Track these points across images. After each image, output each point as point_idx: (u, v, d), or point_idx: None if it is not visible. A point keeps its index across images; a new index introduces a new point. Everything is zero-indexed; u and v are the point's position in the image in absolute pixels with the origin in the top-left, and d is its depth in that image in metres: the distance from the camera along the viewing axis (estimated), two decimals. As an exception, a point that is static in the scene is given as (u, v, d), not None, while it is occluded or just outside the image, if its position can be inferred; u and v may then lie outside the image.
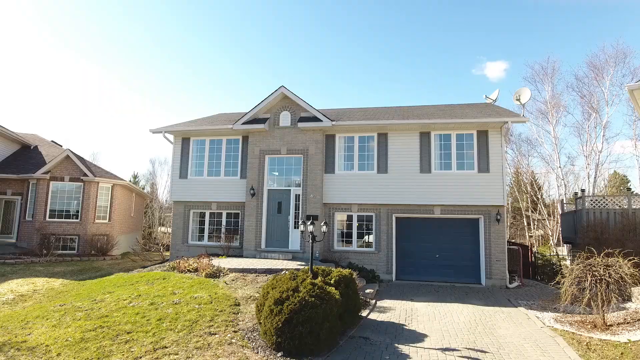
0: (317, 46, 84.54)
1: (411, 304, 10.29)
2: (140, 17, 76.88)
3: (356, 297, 8.06)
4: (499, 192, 13.14)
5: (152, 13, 76.81)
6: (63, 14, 71.48)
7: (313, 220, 9.92)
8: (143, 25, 75.94)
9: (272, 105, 14.96)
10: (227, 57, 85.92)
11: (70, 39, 71.04)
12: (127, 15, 75.62)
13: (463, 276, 13.45)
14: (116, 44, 75.75)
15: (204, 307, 8.29)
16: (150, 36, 78.21)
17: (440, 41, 75.54)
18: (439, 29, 75.87)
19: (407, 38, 79.89)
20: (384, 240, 13.91)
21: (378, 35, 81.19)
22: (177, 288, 9.73)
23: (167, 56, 78.61)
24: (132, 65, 77.26)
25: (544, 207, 26.49)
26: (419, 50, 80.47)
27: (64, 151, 19.12)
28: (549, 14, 60.52)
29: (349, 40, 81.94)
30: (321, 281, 7.56)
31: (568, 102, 30.92)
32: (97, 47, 73.45)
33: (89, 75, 71.58)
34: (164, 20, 77.68)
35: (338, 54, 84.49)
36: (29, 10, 67.49)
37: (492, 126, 13.31)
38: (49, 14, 68.19)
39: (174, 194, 15.75)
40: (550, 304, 10.52)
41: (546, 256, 21.65)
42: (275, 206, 14.58)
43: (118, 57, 75.14)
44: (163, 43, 78.24)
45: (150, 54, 78.86)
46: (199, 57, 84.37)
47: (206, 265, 11.32)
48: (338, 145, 14.63)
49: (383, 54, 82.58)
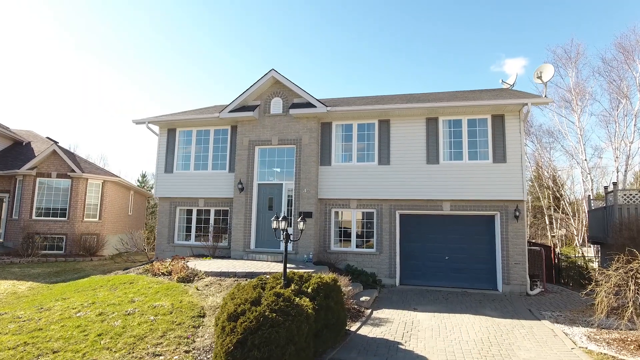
0: (327, 45, 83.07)
1: (413, 315, 8.75)
2: (146, 11, 76.89)
3: (340, 308, 6.59)
4: (517, 184, 11.45)
5: (160, 6, 76.75)
6: (77, 15, 71.99)
7: (304, 217, 8.51)
8: (149, 20, 75.90)
9: (263, 91, 13.58)
10: (239, 59, 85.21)
11: (77, 39, 71.42)
12: (134, 10, 75.71)
13: (476, 281, 11.80)
14: (134, 50, 75.88)
15: (160, 320, 6.95)
16: (156, 32, 78.12)
17: (458, 38, 73.11)
18: (456, 26, 73.45)
19: (422, 35, 77.65)
20: (386, 240, 12.36)
21: (389, 33, 79.20)
22: (140, 295, 8.44)
23: (175, 53, 78.40)
24: (141, 66, 77.32)
25: (568, 204, 24.37)
26: (435, 49, 78.13)
27: (51, 146, 18.17)
28: (571, 7, 57.49)
29: (359, 38, 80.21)
30: (293, 290, 6.12)
31: (595, 88, 28.42)
32: (113, 50, 73.68)
33: (103, 77, 71.86)
34: (170, 14, 77.53)
35: (346, 53, 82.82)
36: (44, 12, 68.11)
37: (509, 109, 11.62)
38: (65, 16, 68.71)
39: (159, 190, 14.54)
40: (580, 315, 8.84)
41: (571, 258, 19.71)
42: (265, 202, 13.20)
43: (133, 62, 75.25)
44: (174, 43, 78.08)
45: (161, 55, 78.78)
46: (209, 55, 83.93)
47: (180, 268, 10.02)
48: (335, 134, 13.14)
49: (393, 51, 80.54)
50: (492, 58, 67.48)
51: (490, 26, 70.28)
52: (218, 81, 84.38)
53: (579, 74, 22.78)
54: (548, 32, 60.58)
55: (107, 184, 19.64)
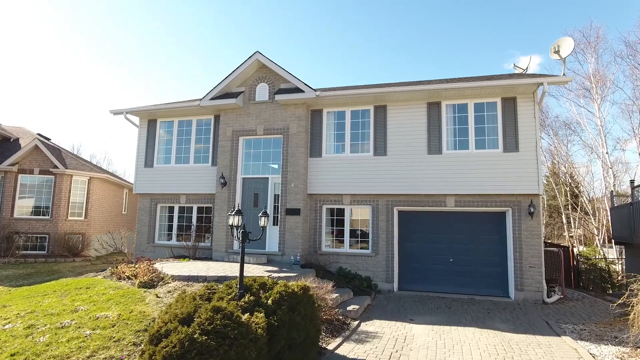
0: (336, 46, 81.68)
1: (408, 328, 7.43)
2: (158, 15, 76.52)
3: (310, 323, 5.32)
4: (531, 176, 10.02)
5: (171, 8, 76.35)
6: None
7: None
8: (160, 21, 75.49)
9: (247, 77, 12.38)
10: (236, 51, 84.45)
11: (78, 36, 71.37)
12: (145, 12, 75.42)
13: (485, 287, 10.40)
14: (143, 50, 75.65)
15: (96, 335, 5.78)
16: (182, 52, 77.74)
17: (472, 36, 71.03)
18: (469, 24, 71.39)
19: (435, 34, 75.73)
20: (382, 240, 11.04)
21: (392, 30, 77.52)
22: (88, 303, 7.30)
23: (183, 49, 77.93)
24: (145, 66, 77.04)
25: (587, 201, 22.61)
26: (449, 48, 76.14)
27: (32, 140, 17.30)
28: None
29: (370, 38, 78.72)
30: (246, 302, 4.87)
31: (617, 75, 26.23)
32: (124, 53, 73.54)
33: (116, 78, 71.78)
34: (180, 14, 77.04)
35: (355, 53, 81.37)
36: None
37: (521, 91, 10.19)
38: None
39: (138, 186, 13.45)
40: (608, 329, 7.41)
41: (591, 259, 18.06)
42: (250, 198, 11.99)
43: (142, 64, 74.99)
44: (179, 38, 77.63)
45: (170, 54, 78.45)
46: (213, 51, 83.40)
47: (145, 270, 8.87)
48: (326, 122, 11.87)
49: (402, 49, 78.85)
50: (505, 56, 65.31)
51: (503, 24, 68.03)
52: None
53: (599, 59, 20.94)
54: (565, 25, 58.15)
55: (94, 180, 18.68)
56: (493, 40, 68.99)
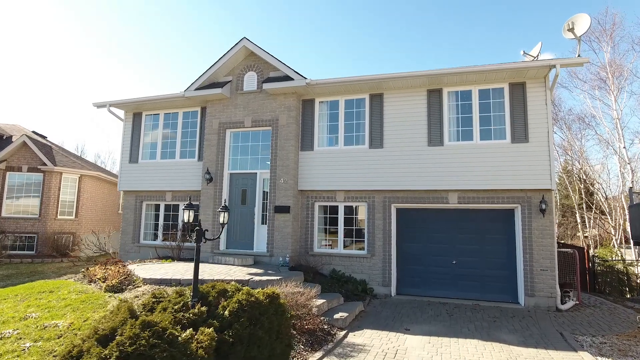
0: (347, 47, 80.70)
1: (402, 340, 6.55)
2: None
3: (275, 338, 4.48)
4: (543, 169, 9.04)
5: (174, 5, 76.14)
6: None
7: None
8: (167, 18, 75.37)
9: (235, 65, 11.59)
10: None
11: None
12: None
13: (491, 291, 9.45)
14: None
15: (35, 348, 5.02)
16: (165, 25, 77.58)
17: (482, 35, 69.53)
18: (479, 23, 69.89)
19: (444, 32, 74.33)
20: (379, 240, 10.15)
21: (402, 29, 76.26)
22: (44, 308, 6.57)
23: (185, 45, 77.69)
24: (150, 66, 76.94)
25: (604, 199, 21.37)
26: (461, 46, 74.67)
27: (21, 137, 16.74)
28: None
29: (381, 38, 77.61)
30: (198, 314, 4.05)
31: (635, 64, 24.44)
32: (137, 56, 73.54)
33: (125, 76, 71.83)
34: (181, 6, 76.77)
35: (362, 53, 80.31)
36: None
37: (531, 75, 9.22)
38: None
39: (123, 183, 12.75)
40: (632, 343, 6.44)
41: (608, 261, 16.93)
42: (238, 195, 11.20)
43: (149, 63, 74.95)
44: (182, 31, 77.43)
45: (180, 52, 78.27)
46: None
47: (115, 273, 8.12)
48: (318, 113, 11.02)
49: (408, 47, 77.56)
50: (515, 55, 63.69)
51: (515, 23, 66.41)
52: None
53: (616, 47, 19.74)
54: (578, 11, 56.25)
55: (85, 178, 18.08)
56: (503, 39, 67.34)
